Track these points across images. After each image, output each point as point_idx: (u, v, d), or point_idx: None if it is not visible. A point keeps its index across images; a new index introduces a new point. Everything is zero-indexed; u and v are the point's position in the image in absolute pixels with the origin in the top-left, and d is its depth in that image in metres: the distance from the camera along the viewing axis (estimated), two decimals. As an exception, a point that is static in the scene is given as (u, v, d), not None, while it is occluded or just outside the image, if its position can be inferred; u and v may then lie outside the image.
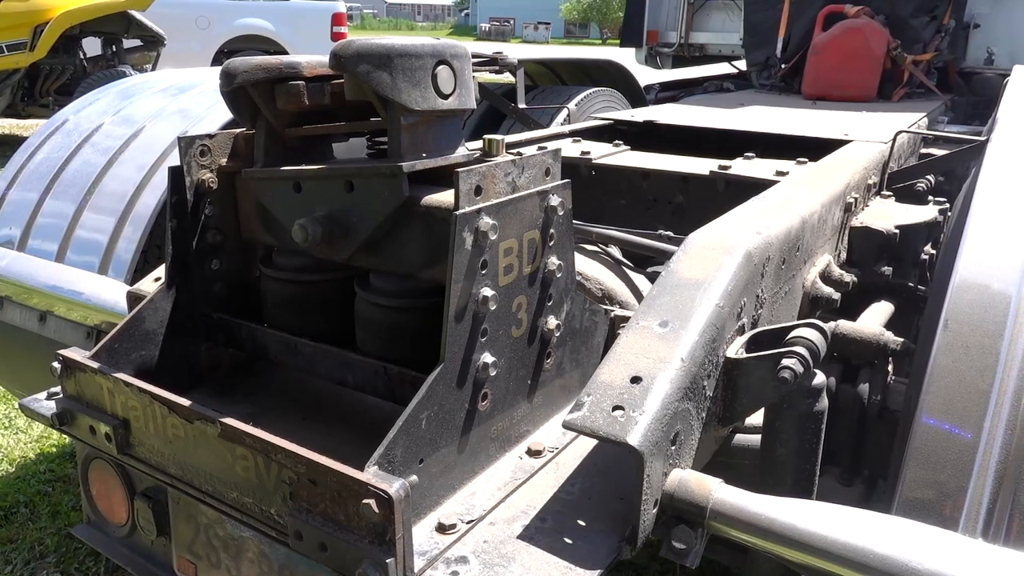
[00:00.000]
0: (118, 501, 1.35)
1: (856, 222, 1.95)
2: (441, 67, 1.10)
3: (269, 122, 1.24)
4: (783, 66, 4.45)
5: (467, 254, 0.99)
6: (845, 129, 2.69)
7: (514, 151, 1.16)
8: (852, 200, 1.88)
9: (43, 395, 1.43)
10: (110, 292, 1.87)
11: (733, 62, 5.76)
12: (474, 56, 1.17)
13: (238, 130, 1.35)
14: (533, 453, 1.17)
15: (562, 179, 1.18)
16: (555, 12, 58.32)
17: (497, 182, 1.04)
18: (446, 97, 1.11)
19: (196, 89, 2.34)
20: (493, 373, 1.07)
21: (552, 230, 1.16)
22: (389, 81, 1.04)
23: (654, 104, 4.86)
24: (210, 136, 1.31)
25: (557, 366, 1.25)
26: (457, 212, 0.97)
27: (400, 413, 1.00)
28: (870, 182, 2.16)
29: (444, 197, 1.11)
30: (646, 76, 5.41)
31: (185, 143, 1.28)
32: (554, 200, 1.14)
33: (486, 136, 1.09)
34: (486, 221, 1.00)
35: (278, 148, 1.27)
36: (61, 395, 1.28)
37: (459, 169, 0.96)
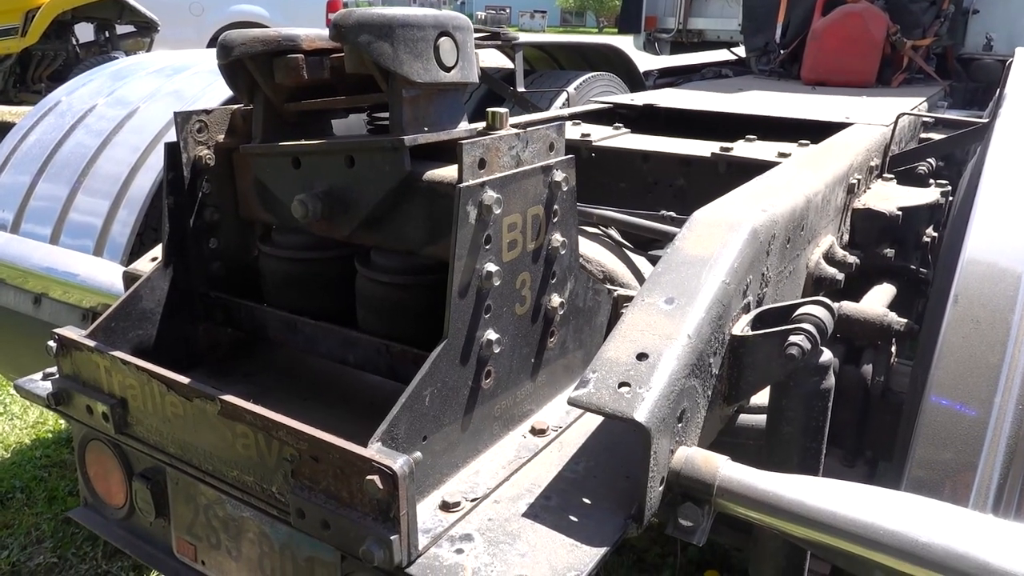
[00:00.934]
0: (116, 483, 1.33)
1: (859, 204, 1.93)
2: (443, 38, 1.07)
3: (267, 97, 1.22)
4: (782, 52, 4.43)
5: (471, 228, 0.97)
6: (846, 112, 2.68)
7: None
8: (855, 182, 1.87)
9: (38, 376, 1.41)
10: (106, 274, 1.85)
11: (731, 48, 5.74)
12: (476, 30, 1.15)
13: (236, 106, 1.33)
14: (537, 432, 1.16)
15: (566, 155, 1.16)
16: (551, 1, 58.05)
17: (501, 155, 1.02)
18: (448, 70, 1.09)
19: (190, 70, 2.31)
20: (497, 350, 1.05)
21: (556, 206, 1.14)
22: (390, 52, 1.02)
23: (653, 89, 4.84)
24: (207, 112, 1.28)
25: (560, 345, 1.24)
26: (461, 185, 0.95)
27: (402, 392, 0.99)
28: (872, 164, 2.15)
29: (447, 172, 1.09)
30: (644, 62, 5.38)
31: (182, 119, 1.26)
32: (558, 175, 1.12)
33: (489, 109, 1.07)
34: (490, 195, 0.98)
35: (276, 123, 1.24)
36: (57, 375, 1.26)
37: (462, 141, 0.94)
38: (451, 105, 1.14)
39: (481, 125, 1.11)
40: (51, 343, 1.22)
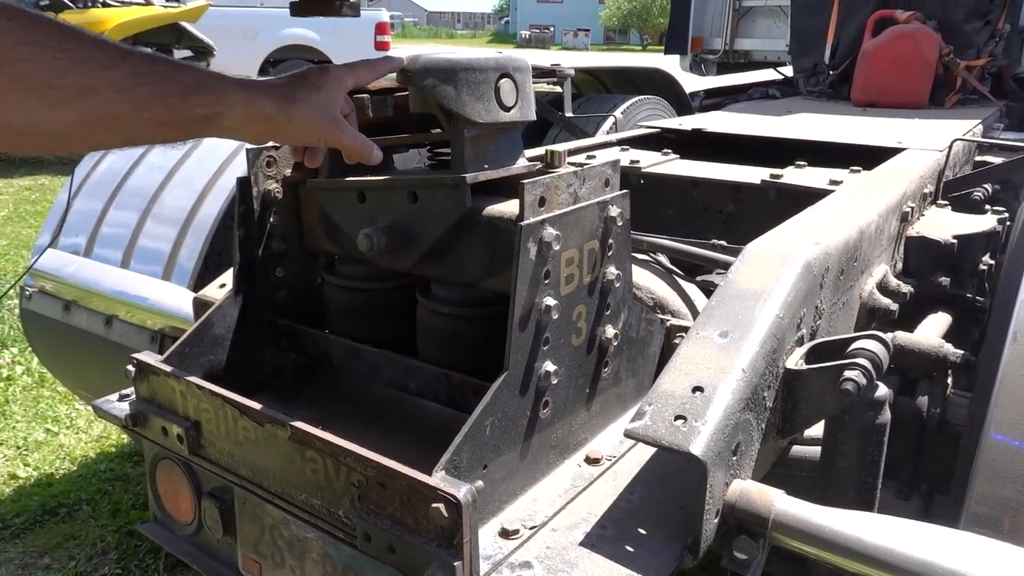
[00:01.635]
0: (185, 500, 1.39)
1: (912, 232, 1.92)
2: (504, 80, 1.12)
3: (334, 134, 1.28)
4: (831, 72, 4.39)
5: (531, 264, 1.01)
6: (898, 137, 2.66)
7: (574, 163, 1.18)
8: (908, 210, 1.86)
9: (115, 397, 1.49)
10: (173, 297, 1.94)
11: (778, 68, 5.71)
12: (533, 68, 1.19)
13: (302, 142, 1.39)
14: (592, 461, 1.18)
15: (620, 190, 1.19)
16: (594, 19, 58.29)
17: (560, 193, 1.05)
18: (508, 109, 1.13)
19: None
20: (555, 381, 1.09)
21: (611, 240, 1.17)
22: (454, 94, 1.07)
23: (699, 111, 4.84)
24: (276, 148, 1.35)
25: (614, 375, 1.26)
26: (522, 223, 0.99)
27: (461, 419, 1.02)
28: (926, 191, 2.13)
29: (506, 207, 1.13)
30: (690, 83, 5.39)
31: (252, 154, 1.32)
32: (613, 211, 1.15)
33: (547, 147, 1.11)
34: (549, 231, 1.02)
35: (341, 158, 1.30)
36: (134, 397, 1.33)
37: (524, 181, 0.98)
38: (510, 142, 1.19)
39: (536, 150, 1.15)
40: (130, 367, 1.29)
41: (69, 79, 0.73)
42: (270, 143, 1.34)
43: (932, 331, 1.71)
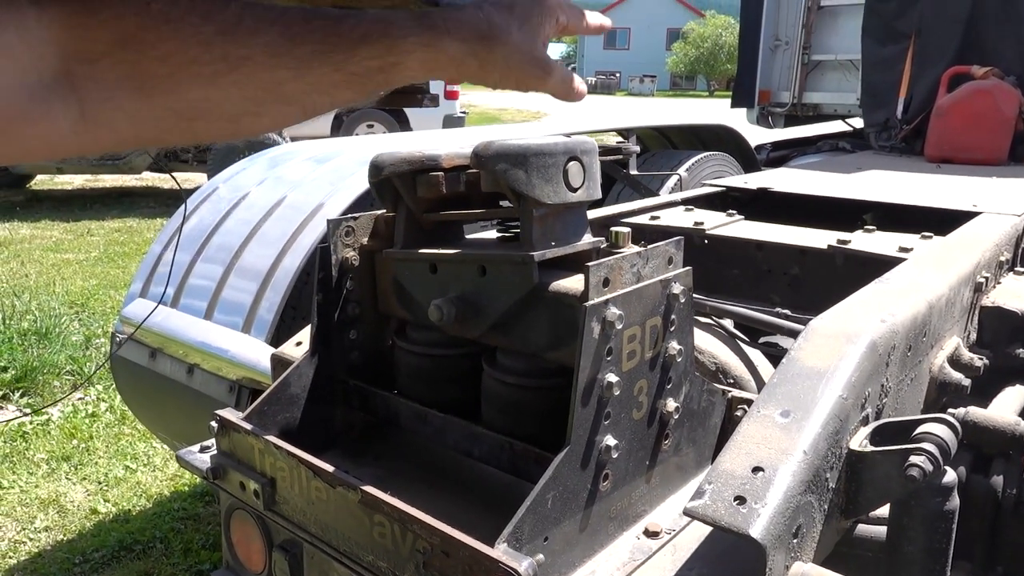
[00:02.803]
0: (256, 551, 1.45)
1: (987, 301, 1.88)
2: (572, 163, 1.17)
3: (409, 207, 1.35)
4: (904, 127, 4.33)
5: (594, 343, 1.05)
6: (973, 199, 2.60)
7: (637, 242, 1.22)
8: (983, 280, 1.82)
9: (196, 448, 1.57)
10: (252, 350, 2.04)
11: (846, 120, 5.65)
12: (600, 147, 1.25)
13: (379, 212, 1.47)
14: (650, 534, 1.19)
15: (683, 266, 1.22)
16: (661, 65, 58.65)
17: (623, 273, 1.09)
18: (575, 190, 1.19)
19: (334, 161, 2.54)
20: (615, 455, 1.11)
21: (673, 316, 1.20)
22: (524, 178, 1.13)
23: (765, 164, 4.82)
24: (354, 218, 1.43)
25: (675, 447, 1.28)
26: (587, 304, 1.02)
27: (522, 486, 1.06)
28: (1002, 259, 2.08)
29: (571, 283, 1.18)
30: (757, 135, 5.38)
31: (333, 224, 1.41)
32: (676, 288, 1.18)
33: (612, 228, 1.15)
34: (613, 312, 1.06)
35: (415, 231, 1.37)
36: (215, 451, 1.41)
37: (589, 264, 1.03)
38: (576, 220, 1.24)
39: (603, 240, 1.20)
40: (213, 423, 1.37)
41: (216, 51, 0.67)
42: (349, 214, 1.43)
43: (1008, 406, 1.66)
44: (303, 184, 2.44)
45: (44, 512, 3.04)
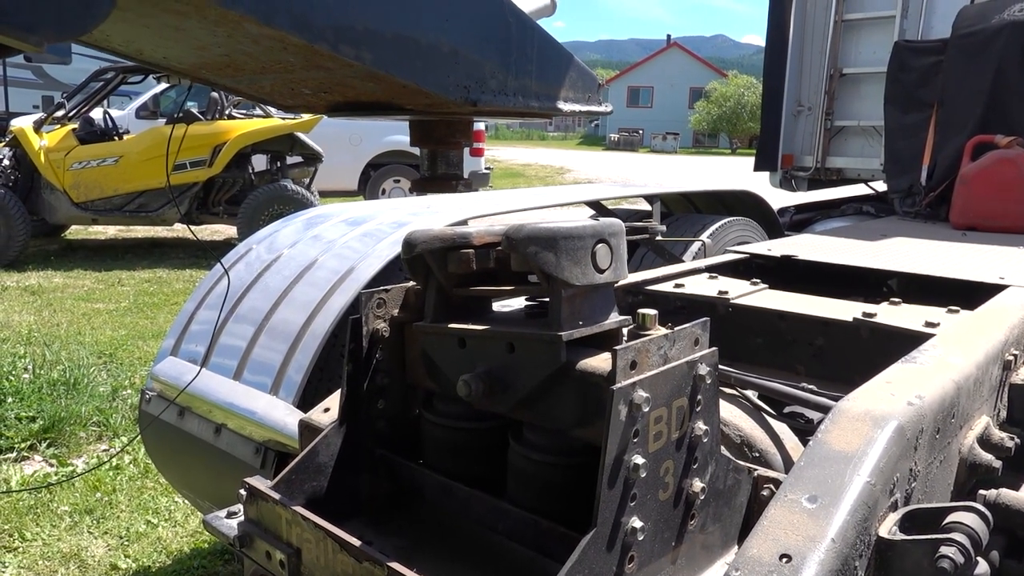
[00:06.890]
0: (279, 620, 1.45)
1: (1017, 379, 1.86)
2: (600, 245, 1.20)
3: (439, 283, 1.39)
4: (929, 194, 4.35)
5: (621, 425, 1.06)
6: (1000, 270, 2.59)
7: (664, 323, 1.24)
8: (1011, 357, 1.81)
9: (223, 513, 1.59)
10: (279, 413, 2.07)
11: (869, 183, 5.67)
12: (627, 228, 1.29)
13: (409, 284, 1.51)
14: (676, 617, 1.18)
15: (709, 347, 1.23)
16: (684, 123, 59.34)
17: (650, 356, 1.11)
18: (603, 271, 1.21)
19: (366, 225, 2.60)
20: (641, 537, 1.11)
21: (700, 396, 1.21)
22: (554, 260, 1.16)
23: (789, 227, 4.84)
24: (386, 290, 1.47)
25: (701, 526, 1.27)
26: (614, 387, 1.04)
27: (546, 564, 1.05)
28: (1031, 334, 2.06)
29: (598, 363, 1.20)
30: (781, 199, 5.41)
31: (365, 297, 1.44)
32: (703, 369, 1.20)
33: (640, 311, 1.17)
34: (640, 394, 1.07)
35: (445, 305, 1.40)
36: (243, 518, 1.42)
37: (617, 348, 1.05)
38: (603, 300, 1.26)
39: (630, 321, 1.22)
40: (241, 491, 1.39)
41: None
42: (380, 287, 1.46)
43: (1041, 489, 1.63)
44: (335, 247, 2.50)
45: (65, 567, 3.05)
